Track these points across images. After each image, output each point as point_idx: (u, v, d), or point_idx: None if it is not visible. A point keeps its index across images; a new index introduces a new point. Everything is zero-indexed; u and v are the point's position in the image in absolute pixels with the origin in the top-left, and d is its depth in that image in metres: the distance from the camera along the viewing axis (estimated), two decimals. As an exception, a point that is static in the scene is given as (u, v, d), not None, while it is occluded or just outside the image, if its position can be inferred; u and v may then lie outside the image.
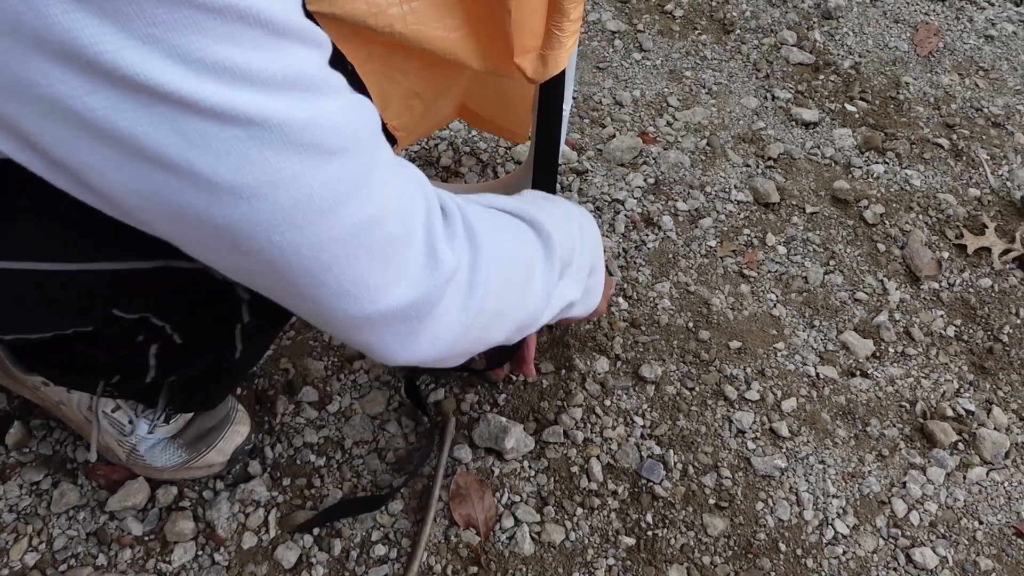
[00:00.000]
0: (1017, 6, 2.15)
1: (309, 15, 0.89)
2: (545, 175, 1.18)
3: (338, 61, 0.96)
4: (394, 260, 0.62)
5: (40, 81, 0.46)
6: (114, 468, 1.14)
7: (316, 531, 1.11)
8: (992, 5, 2.14)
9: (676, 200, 1.58)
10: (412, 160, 1.61)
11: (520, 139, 1.41)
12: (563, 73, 1.04)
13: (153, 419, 1.08)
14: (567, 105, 1.17)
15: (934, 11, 2.10)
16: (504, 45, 0.97)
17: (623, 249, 1.48)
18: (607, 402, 1.27)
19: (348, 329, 0.65)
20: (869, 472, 1.23)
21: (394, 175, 0.62)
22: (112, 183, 0.51)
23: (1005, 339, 1.41)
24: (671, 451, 1.22)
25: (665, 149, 1.68)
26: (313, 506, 1.14)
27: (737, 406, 1.28)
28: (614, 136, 1.68)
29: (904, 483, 1.22)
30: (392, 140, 1.09)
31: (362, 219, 0.58)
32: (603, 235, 1.50)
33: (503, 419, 1.20)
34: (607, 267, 1.31)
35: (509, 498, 1.16)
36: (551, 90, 1.08)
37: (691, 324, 1.38)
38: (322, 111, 0.53)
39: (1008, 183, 1.68)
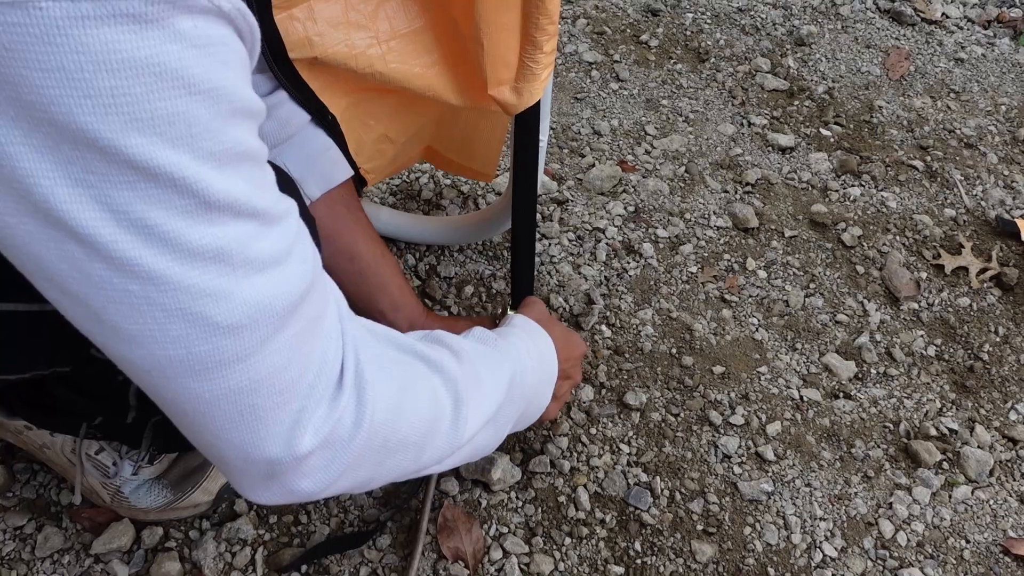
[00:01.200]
0: (985, 29, 2.19)
1: (291, 64, 0.91)
2: (525, 206, 1.19)
3: (320, 112, 0.98)
4: (251, 427, 0.61)
5: None
6: (99, 510, 1.13)
7: (304, 568, 1.10)
8: (961, 29, 2.18)
9: (656, 227, 1.59)
10: (394, 194, 1.62)
11: (487, 179, 1.43)
12: (538, 104, 1.06)
13: (137, 460, 1.08)
14: (544, 136, 1.18)
15: (904, 36, 2.14)
16: (479, 78, 0.98)
17: (605, 277, 1.49)
18: (593, 430, 1.27)
19: (205, 456, 0.67)
20: (855, 494, 1.23)
21: (288, 351, 0.61)
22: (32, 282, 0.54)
23: (985, 357, 1.43)
24: (658, 478, 1.22)
25: (644, 177, 1.69)
26: (300, 543, 1.13)
27: (722, 431, 1.29)
28: (593, 165, 1.70)
29: (890, 504, 1.22)
30: (363, 182, 1.11)
31: (231, 387, 0.58)
32: (584, 264, 1.51)
33: (489, 450, 1.20)
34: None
35: (497, 530, 1.16)
36: (527, 121, 1.10)
37: (674, 350, 1.39)
38: (225, 288, 0.54)
39: (983, 203, 1.70)
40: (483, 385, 0.85)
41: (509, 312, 1.15)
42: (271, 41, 0.87)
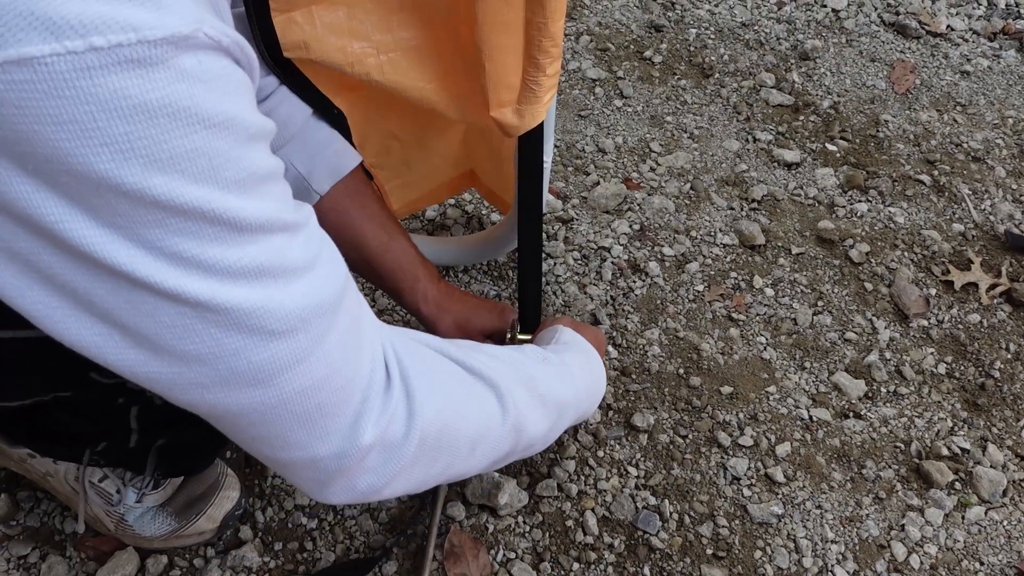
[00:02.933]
0: (991, 41, 2.18)
1: (288, 61, 0.92)
2: (530, 226, 1.18)
3: (325, 105, 0.99)
4: (318, 424, 0.64)
5: (4, 236, 0.49)
6: (103, 539, 1.13)
7: (309, 597, 1.10)
8: (966, 41, 2.17)
9: (662, 245, 1.58)
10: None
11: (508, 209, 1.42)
12: (541, 125, 1.05)
13: (141, 487, 1.07)
14: (548, 155, 1.17)
15: (909, 49, 2.13)
16: (480, 98, 0.97)
17: (611, 297, 1.48)
18: (600, 453, 1.26)
19: (266, 462, 0.70)
20: (867, 516, 1.22)
21: (342, 346, 0.64)
22: (54, 327, 0.54)
23: (996, 375, 1.41)
24: (666, 501, 1.21)
25: (649, 195, 1.68)
26: (306, 570, 1.12)
27: (731, 452, 1.27)
28: (598, 183, 1.69)
29: (903, 526, 1.21)
30: (368, 176, 1.10)
31: (296, 389, 0.61)
32: (590, 283, 1.50)
33: (495, 474, 1.19)
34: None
35: (504, 555, 1.15)
36: (530, 142, 1.09)
37: (682, 370, 1.38)
38: (273, 297, 0.56)
39: (991, 217, 1.69)
40: (535, 391, 0.89)
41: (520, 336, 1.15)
42: (269, 44, 0.88)
